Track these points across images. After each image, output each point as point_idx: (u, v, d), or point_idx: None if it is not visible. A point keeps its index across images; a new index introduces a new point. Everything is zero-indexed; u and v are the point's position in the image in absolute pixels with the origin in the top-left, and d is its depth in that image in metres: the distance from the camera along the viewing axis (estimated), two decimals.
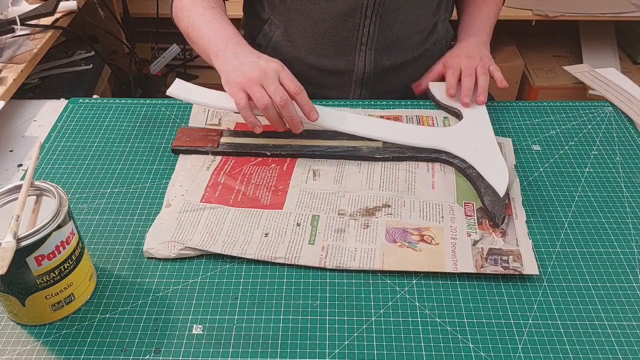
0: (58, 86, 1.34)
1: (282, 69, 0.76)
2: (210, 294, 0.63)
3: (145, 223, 0.71)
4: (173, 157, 0.81)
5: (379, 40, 0.94)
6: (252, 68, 0.75)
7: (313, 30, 0.93)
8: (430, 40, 1.00)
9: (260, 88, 0.74)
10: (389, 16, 0.92)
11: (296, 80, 0.75)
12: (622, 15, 1.73)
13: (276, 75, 0.74)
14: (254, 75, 0.74)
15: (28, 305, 0.58)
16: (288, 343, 0.59)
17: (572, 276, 0.65)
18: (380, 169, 0.79)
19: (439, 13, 1.00)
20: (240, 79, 0.75)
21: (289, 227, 0.70)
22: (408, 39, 0.97)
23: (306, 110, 0.76)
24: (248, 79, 0.74)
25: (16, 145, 0.87)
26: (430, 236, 0.69)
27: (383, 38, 0.94)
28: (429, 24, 0.99)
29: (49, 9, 1.13)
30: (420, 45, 0.99)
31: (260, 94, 0.73)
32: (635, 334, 0.60)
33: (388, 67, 0.97)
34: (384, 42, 0.95)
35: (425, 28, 0.98)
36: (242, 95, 0.75)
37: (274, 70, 0.75)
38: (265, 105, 0.73)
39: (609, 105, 0.93)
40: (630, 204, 0.75)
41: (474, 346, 0.58)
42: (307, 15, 0.93)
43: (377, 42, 0.95)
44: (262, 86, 0.74)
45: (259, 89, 0.74)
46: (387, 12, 0.92)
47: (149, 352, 0.58)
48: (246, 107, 0.75)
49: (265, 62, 0.76)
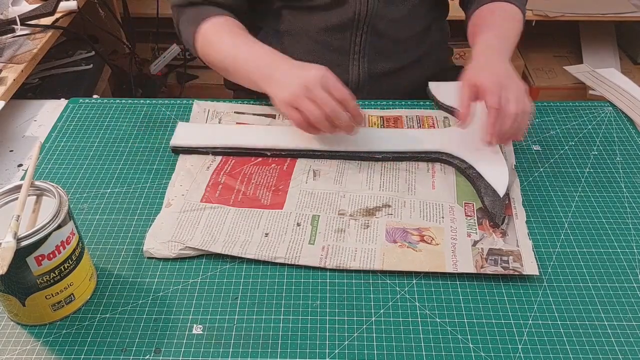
0: (58, 86, 1.34)
1: (325, 76, 0.74)
2: (210, 294, 0.63)
3: (145, 223, 0.71)
4: (173, 157, 0.81)
5: (372, 48, 0.94)
6: (295, 83, 0.74)
7: (305, 41, 0.93)
8: (425, 44, 1.00)
9: (308, 102, 0.73)
10: (381, 25, 0.92)
11: (341, 87, 0.74)
12: (622, 15, 1.73)
13: (320, 84, 0.73)
14: (298, 91, 0.73)
15: (28, 305, 0.58)
16: (288, 343, 0.59)
17: (572, 276, 0.65)
18: (381, 169, 0.79)
19: (432, 15, 1.00)
20: (287, 97, 0.75)
21: (289, 227, 0.70)
22: (401, 45, 0.97)
23: (354, 115, 0.75)
24: (294, 95, 0.74)
25: (16, 145, 0.87)
26: (430, 236, 0.69)
27: (375, 46, 0.94)
28: (422, 28, 0.98)
29: (49, 9, 1.13)
30: (414, 50, 0.98)
31: (309, 107, 0.73)
32: (635, 334, 0.60)
33: (382, 73, 0.97)
34: (376, 50, 0.95)
35: (418, 32, 0.98)
36: (294, 113, 0.75)
37: (316, 79, 0.73)
38: (316, 118, 0.73)
39: (609, 105, 0.93)
40: (630, 204, 0.75)
41: (474, 346, 0.58)
42: (299, 27, 0.93)
43: (369, 51, 0.95)
44: (310, 99, 0.73)
45: (307, 102, 0.73)
46: (379, 22, 0.92)
47: (149, 352, 0.58)
48: (302, 123, 0.75)
49: (307, 71, 0.75)
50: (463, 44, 1.11)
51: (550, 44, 2.04)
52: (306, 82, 0.73)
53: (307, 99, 0.73)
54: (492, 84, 0.73)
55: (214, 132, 0.84)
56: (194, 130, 0.84)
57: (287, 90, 0.75)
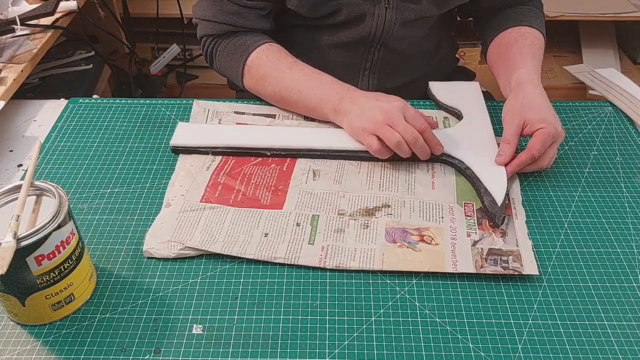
0: (58, 86, 1.34)
1: (405, 107, 0.77)
2: (210, 294, 0.63)
3: (145, 223, 0.71)
4: (173, 157, 0.81)
5: (383, 65, 0.95)
6: (376, 112, 0.76)
7: (315, 55, 0.92)
8: (434, 59, 1.00)
9: (389, 128, 0.75)
10: (394, 43, 0.93)
11: (420, 117, 0.77)
12: (622, 15, 1.73)
13: (401, 114, 0.75)
14: (380, 118, 0.75)
15: (28, 305, 0.58)
16: (288, 343, 0.59)
17: (572, 276, 0.65)
18: (380, 169, 0.79)
19: (444, 32, 1.00)
20: (367, 124, 0.76)
21: (288, 227, 0.70)
22: (412, 61, 0.97)
23: (432, 145, 0.77)
24: (375, 122, 0.76)
25: (16, 145, 0.87)
26: (430, 236, 0.69)
27: (387, 63, 0.95)
28: (433, 44, 0.99)
29: (49, 9, 1.13)
30: (424, 66, 0.99)
31: (391, 133, 0.75)
32: (635, 334, 0.60)
33: (391, 88, 0.97)
34: (387, 67, 0.95)
35: (429, 49, 0.99)
36: (373, 139, 0.76)
37: (398, 109, 0.76)
38: (397, 142, 0.74)
39: (609, 105, 0.93)
40: (630, 204, 0.75)
41: (474, 346, 0.58)
42: (310, 42, 0.93)
43: (380, 67, 0.95)
44: (390, 126, 0.75)
45: (388, 129, 0.75)
46: (393, 40, 0.92)
47: (149, 352, 0.58)
48: (380, 150, 0.76)
49: (387, 102, 0.77)
50: (463, 43, 1.11)
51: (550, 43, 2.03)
52: (388, 111, 0.75)
53: (387, 127, 0.75)
54: (543, 134, 0.74)
55: (214, 132, 0.84)
56: (193, 130, 0.84)
57: (368, 120, 0.76)
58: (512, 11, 0.96)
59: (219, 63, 0.92)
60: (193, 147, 0.81)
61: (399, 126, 0.75)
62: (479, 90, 0.92)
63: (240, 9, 0.87)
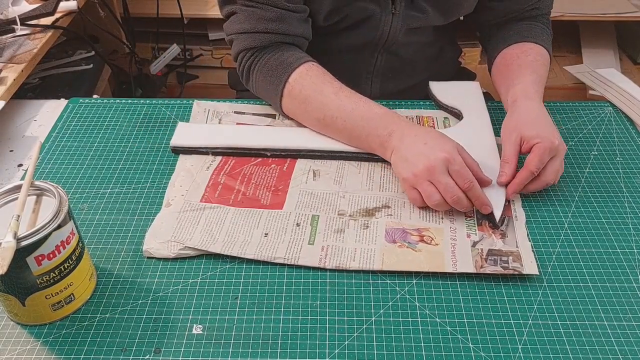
0: (58, 86, 1.34)
1: (452, 159, 0.69)
2: (210, 294, 0.63)
3: (145, 223, 0.71)
4: (173, 157, 0.81)
5: (386, 69, 0.95)
6: (419, 162, 0.70)
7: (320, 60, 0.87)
8: (437, 63, 1.00)
9: (428, 185, 0.70)
10: (398, 48, 0.92)
11: (467, 173, 0.70)
12: (622, 15, 1.73)
13: (445, 169, 0.69)
14: (421, 172, 0.70)
15: (28, 305, 0.58)
16: (288, 343, 0.59)
17: (572, 276, 0.65)
18: (380, 170, 0.79)
19: (447, 37, 1.00)
20: (408, 174, 0.71)
21: (288, 227, 0.70)
22: (415, 65, 0.97)
23: (477, 204, 0.71)
24: (416, 174, 0.71)
25: (16, 145, 0.87)
26: (430, 237, 0.69)
27: (390, 67, 0.95)
28: (436, 49, 0.99)
29: (49, 9, 1.13)
30: (426, 70, 0.99)
31: (430, 191, 0.70)
32: (635, 334, 0.60)
33: (394, 92, 0.97)
34: (390, 71, 0.95)
35: (432, 53, 0.99)
36: (414, 194, 0.72)
37: (442, 162, 0.69)
38: (436, 203, 0.70)
39: (609, 105, 0.93)
40: (630, 204, 0.75)
41: (474, 346, 0.58)
42: (315, 47, 0.91)
43: (383, 71, 0.95)
44: (431, 182, 0.70)
45: (428, 185, 0.70)
46: (397, 45, 0.92)
47: (149, 352, 0.58)
48: (422, 204, 0.72)
49: (432, 151, 0.70)
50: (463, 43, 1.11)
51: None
52: (430, 165, 0.69)
53: (427, 182, 0.70)
54: (539, 149, 0.72)
55: (214, 132, 0.84)
56: (194, 131, 0.84)
57: (409, 170, 0.71)
58: (517, 26, 0.93)
59: (256, 82, 0.85)
60: (193, 147, 0.81)
61: (440, 183, 0.69)
62: (479, 90, 0.92)
63: (283, 13, 0.81)
